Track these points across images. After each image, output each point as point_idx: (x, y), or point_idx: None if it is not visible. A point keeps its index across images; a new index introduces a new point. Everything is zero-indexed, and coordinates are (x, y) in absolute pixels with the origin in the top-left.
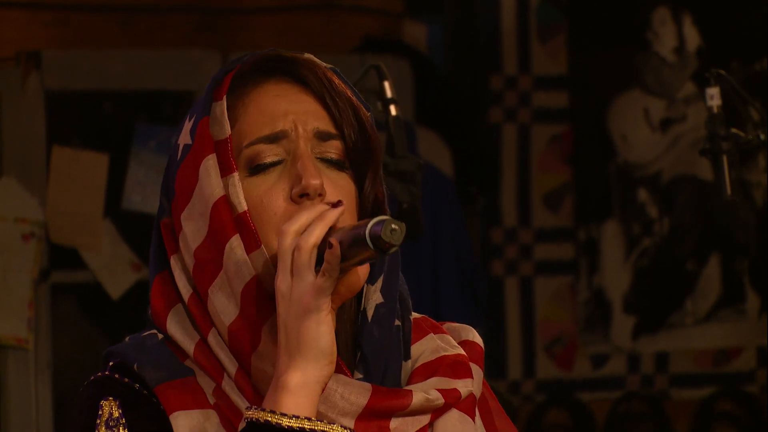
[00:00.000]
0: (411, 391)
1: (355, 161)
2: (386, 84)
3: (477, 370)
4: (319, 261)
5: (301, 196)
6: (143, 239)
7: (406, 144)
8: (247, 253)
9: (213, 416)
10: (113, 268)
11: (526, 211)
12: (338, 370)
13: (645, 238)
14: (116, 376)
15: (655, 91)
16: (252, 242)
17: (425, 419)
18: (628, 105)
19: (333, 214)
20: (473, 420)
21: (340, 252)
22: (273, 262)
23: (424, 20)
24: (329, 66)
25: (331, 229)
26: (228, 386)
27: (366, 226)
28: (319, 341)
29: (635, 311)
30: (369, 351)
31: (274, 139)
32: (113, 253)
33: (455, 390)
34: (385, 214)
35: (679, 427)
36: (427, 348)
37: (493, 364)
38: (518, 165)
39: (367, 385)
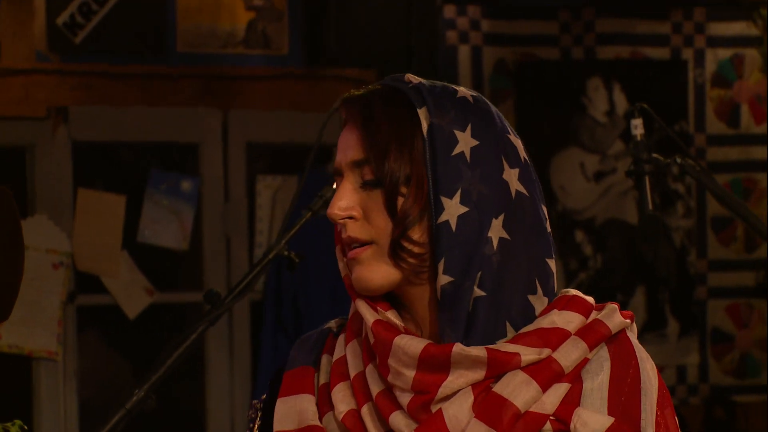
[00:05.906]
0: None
1: (388, 178)
2: None
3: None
4: None
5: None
6: (155, 268)
7: None
8: None
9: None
10: (130, 293)
11: None
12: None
13: (581, 273)
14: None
15: (589, 148)
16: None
17: (473, 374)
18: (567, 160)
19: None
20: (541, 387)
21: None
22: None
23: None
24: (410, 84)
25: None
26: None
27: None
28: None
29: None
30: (441, 330)
31: (335, 172)
32: (130, 279)
33: (516, 355)
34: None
35: None
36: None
37: None
38: None
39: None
